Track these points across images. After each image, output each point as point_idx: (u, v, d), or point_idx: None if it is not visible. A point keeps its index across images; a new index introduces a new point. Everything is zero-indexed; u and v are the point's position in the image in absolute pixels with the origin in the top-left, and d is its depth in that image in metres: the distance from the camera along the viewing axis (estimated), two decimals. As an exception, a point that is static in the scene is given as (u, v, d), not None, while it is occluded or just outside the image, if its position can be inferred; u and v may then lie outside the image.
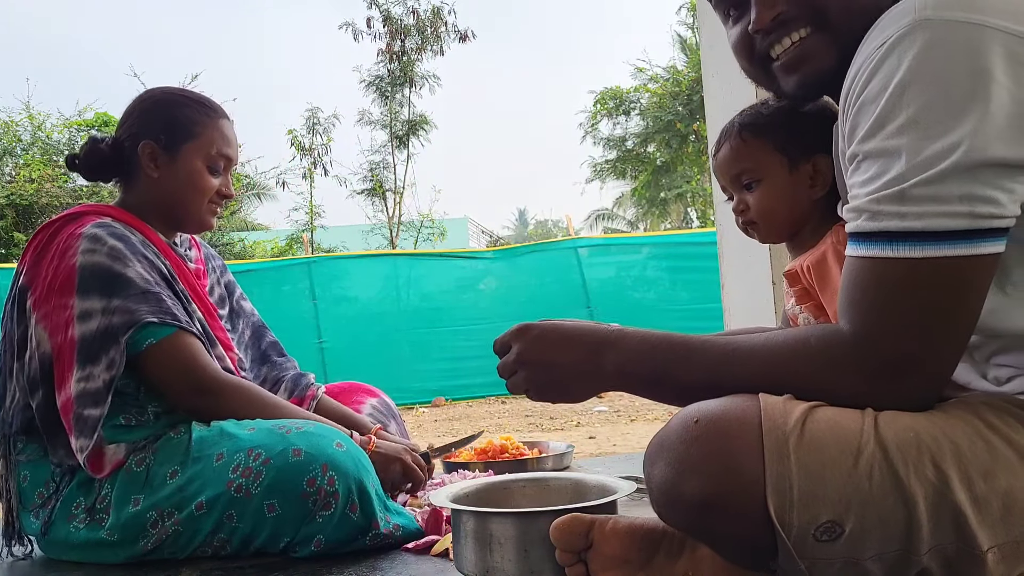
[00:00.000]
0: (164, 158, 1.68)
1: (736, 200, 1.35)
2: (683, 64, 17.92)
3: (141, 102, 1.74)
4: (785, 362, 0.88)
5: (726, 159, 1.34)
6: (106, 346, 1.49)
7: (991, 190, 0.78)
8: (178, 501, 1.45)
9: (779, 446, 0.81)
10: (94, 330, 1.50)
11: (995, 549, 0.79)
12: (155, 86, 1.80)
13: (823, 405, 0.86)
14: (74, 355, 1.49)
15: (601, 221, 26.71)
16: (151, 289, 1.54)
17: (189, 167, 1.68)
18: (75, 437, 1.47)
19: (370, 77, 17.90)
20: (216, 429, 1.52)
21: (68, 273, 1.53)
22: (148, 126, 1.68)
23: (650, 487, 0.90)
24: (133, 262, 1.55)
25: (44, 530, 1.54)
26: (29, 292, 1.58)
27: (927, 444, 0.81)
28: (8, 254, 11.96)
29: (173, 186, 1.68)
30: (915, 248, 0.79)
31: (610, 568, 1.02)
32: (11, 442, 1.58)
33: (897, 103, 0.80)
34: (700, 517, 0.85)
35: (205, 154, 1.69)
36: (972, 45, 0.78)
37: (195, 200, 1.70)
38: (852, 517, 0.80)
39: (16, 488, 1.57)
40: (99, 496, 1.50)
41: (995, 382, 0.90)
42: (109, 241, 1.55)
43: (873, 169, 0.82)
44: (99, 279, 1.51)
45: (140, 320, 1.50)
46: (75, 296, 1.51)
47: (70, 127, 13.60)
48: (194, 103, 1.72)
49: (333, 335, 7.84)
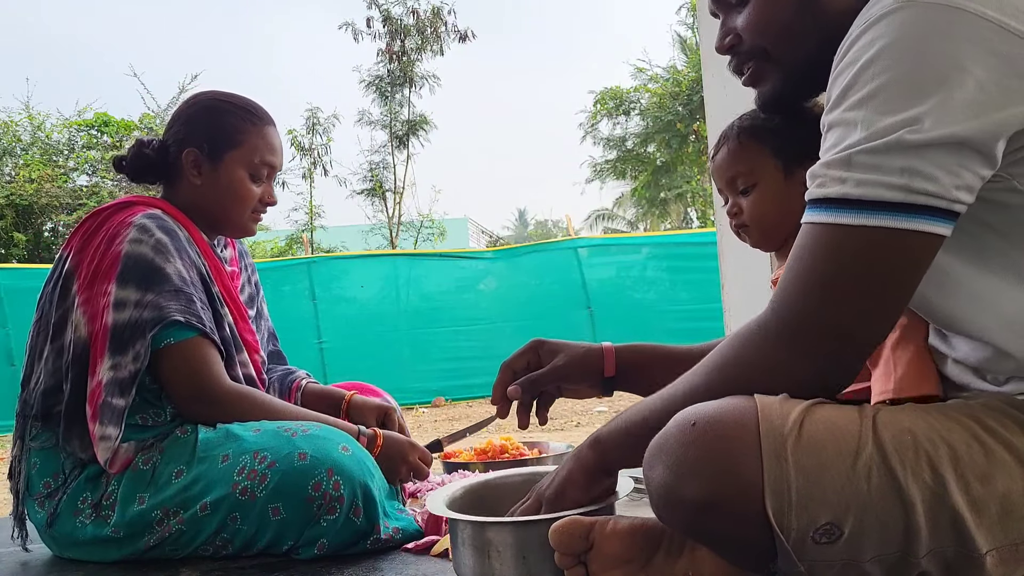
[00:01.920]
0: (207, 166, 1.69)
1: (730, 203, 1.35)
2: (683, 64, 17.92)
3: (187, 107, 1.76)
4: (728, 347, 0.92)
5: (722, 162, 1.34)
6: (134, 338, 1.51)
7: (934, 168, 0.78)
8: (183, 500, 1.46)
9: (776, 448, 0.81)
10: (126, 320, 1.51)
11: (994, 552, 0.79)
12: (203, 91, 1.81)
13: (821, 405, 0.86)
14: (107, 342, 1.51)
15: (601, 221, 26.72)
16: (184, 289, 1.55)
17: (231, 176, 1.69)
18: (99, 424, 1.48)
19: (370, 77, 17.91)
20: (222, 430, 1.52)
21: (113, 259, 1.54)
22: (192, 133, 1.70)
23: (649, 489, 0.90)
24: (175, 258, 1.56)
25: (50, 522, 1.54)
26: (75, 276, 1.60)
27: (924, 447, 0.81)
28: (8, 254, 11.96)
29: (215, 194, 1.70)
30: (848, 214, 0.80)
31: (611, 568, 1.02)
32: (29, 424, 1.59)
33: (862, 75, 0.81)
34: (699, 519, 0.85)
35: (248, 162, 1.70)
36: (947, 29, 0.78)
37: (236, 209, 1.71)
38: (851, 519, 0.80)
39: (26, 473, 1.57)
40: (105, 493, 1.50)
41: (994, 383, 0.90)
42: (156, 234, 1.56)
43: (833, 138, 0.83)
44: (139, 270, 1.53)
45: (168, 317, 1.51)
46: (114, 283, 1.52)
47: (69, 127, 13.61)
48: (239, 109, 1.72)
49: (333, 335, 7.84)
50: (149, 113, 13.86)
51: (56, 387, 1.56)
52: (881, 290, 0.81)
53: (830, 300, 0.82)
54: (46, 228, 12.75)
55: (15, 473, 1.61)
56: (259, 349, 1.78)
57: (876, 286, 0.81)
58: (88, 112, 13.69)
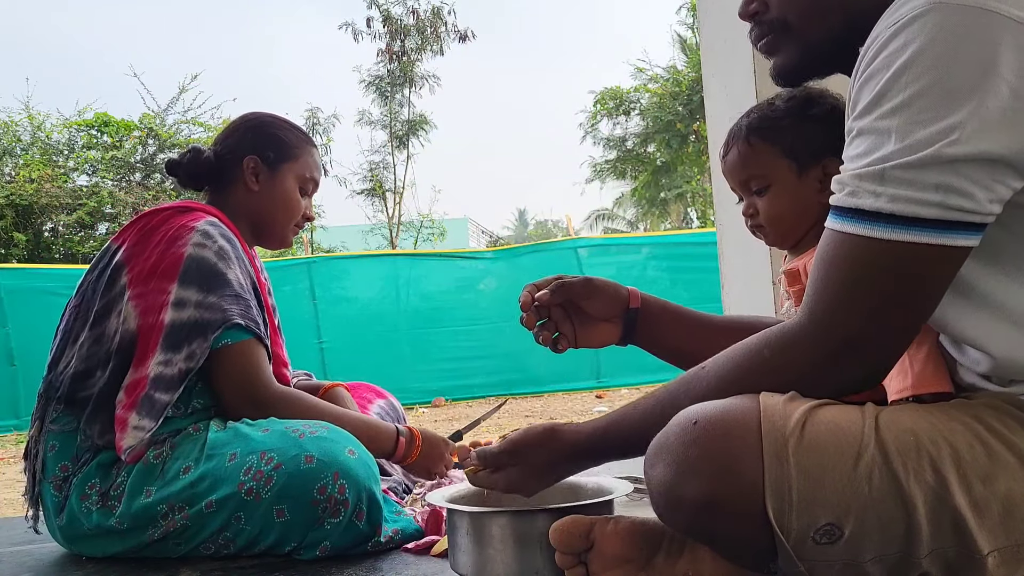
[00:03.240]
0: (265, 174, 1.78)
1: (745, 204, 1.33)
2: (683, 64, 17.93)
3: (246, 121, 1.86)
4: (745, 348, 0.92)
5: (735, 164, 1.32)
6: (192, 338, 1.54)
7: (969, 184, 0.77)
8: (189, 497, 1.47)
9: (778, 449, 0.81)
10: (184, 320, 1.54)
11: (995, 553, 0.79)
12: (256, 110, 1.92)
13: (824, 405, 0.86)
14: (160, 338, 1.54)
15: (601, 221, 26.73)
16: (243, 294, 1.61)
17: (285, 185, 1.80)
18: (136, 415, 1.50)
19: (370, 77, 17.93)
20: (231, 429, 1.53)
21: (174, 260, 1.58)
22: (253, 142, 1.79)
23: (650, 488, 0.90)
24: (234, 265, 1.62)
25: (61, 506, 1.55)
26: (126, 269, 1.62)
27: (926, 447, 0.81)
28: (8, 254, 11.96)
29: (269, 202, 1.79)
30: (883, 229, 0.79)
31: (611, 568, 1.02)
32: (50, 407, 1.61)
33: (896, 83, 0.80)
34: (699, 519, 0.85)
35: (299, 175, 1.81)
36: (980, 33, 0.77)
37: (284, 218, 1.81)
38: (851, 520, 0.80)
39: (43, 455, 1.59)
40: (114, 483, 1.52)
41: (999, 383, 0.89)
42: (219, 241, 1.62)
43: (863, 146, 0.82)
44: (202, 273, 1.57)
45: (230, 320, 1.55)
46: (176, 283, 1.56)
47: (69, 127, 13.60)
48: (294, 128, 1.86)
49: (333, 335, 7.84)
50: (149, 113, 13.85)
51: (87, 372, 1.58)
52: (912, 302, 0.82)
53: (864, 311, 0.82)
54: (46, 228, 12.74)
55: (31, 454, 1.62)
56: (288, 363, 1.83)
57: (908, 298, 0.81)
58: (88, 112, 13.68)
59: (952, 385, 0.95)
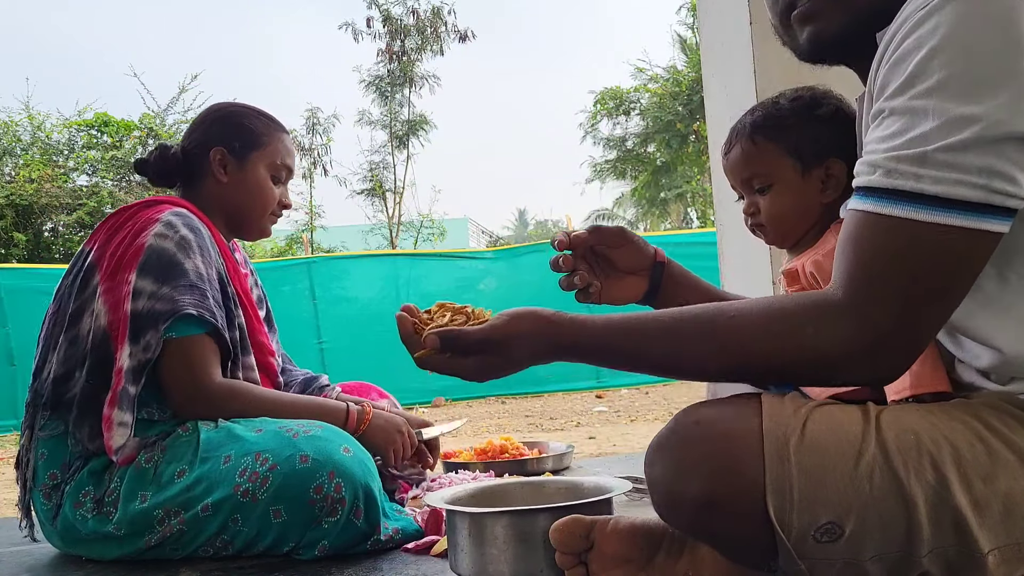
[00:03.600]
0: (233, 165, 1.76)
1: (747, 203, 1.32)
2: (683, 64, 17.93)
3: (210, 112, 1.84)
4: (781, 317, 0.84)
5: (737, 162, 1.30)
6: (146, 328, 1.53)
7: (1012, 167, 0.76)
8: (185, 501, 1.46)
9: (779, 448, 0.81)
10: (140, 310, 1.54)
11: (995, 552, 0.79)
12: (220, 101, 1.90)
13: (824, 405, 0.86)
14: (127, 330, 1.53)
15: (601, 221, 26.71)
16: (199, 284, 1.58)
17: (255, 175, 1.77)
18: (118, 410, 1.50)
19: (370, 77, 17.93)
20: (224, 430, 1.52)
21: (136, 251, 1.58)
22: (219, 134, 1.77)
23: (651, 487, 0.90)
24: (195, 255, 1.59)
25: (54, 514, 1.55)
26: (97, 268, 1.62)
27: (927, 447, 0.81)
28: (8, 254, 11.95)
29: (240, 193, 1.77)
30: (925, 211, 0.77)
31: (611, 568, 1.02)
32: (38, 414, 1.60)
33: (928, 65, 0.78)
34: (700, 518, 0.85)
35: (270, 163, 1.78)
36: (1011, 15, 0.76)
37: (258, 208, 1.79)
38: (852, 519, 0.80)
39: (34, 463, 1.58)
40: (108, 489, 1.51)
41: (998, 382, 0.89)
42: (182, 230, 1.60)
43: (896, 126, 0.80)
44: (160, 263, 1.56)
45: (180, 310, 1.53)
46: (135, 273, 1.56)
47: (69, 127, 13.59)
48: (260, 115, 1.83)
49: (333, 335, 7.84)
50: (149, 113, 13.85)
51: (67, 375, 1.58)
52: (949, 287, 0.80)
53: (904, 296, 0.79)
54: (46, 228, 12.74)
55: (23, 462, 1.62)
56: (274, 352, 1.81)
57: (946, 283, 0.79)
58: (88, 112, 13.68)
59: (950, 384, 0.95)
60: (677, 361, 0.90)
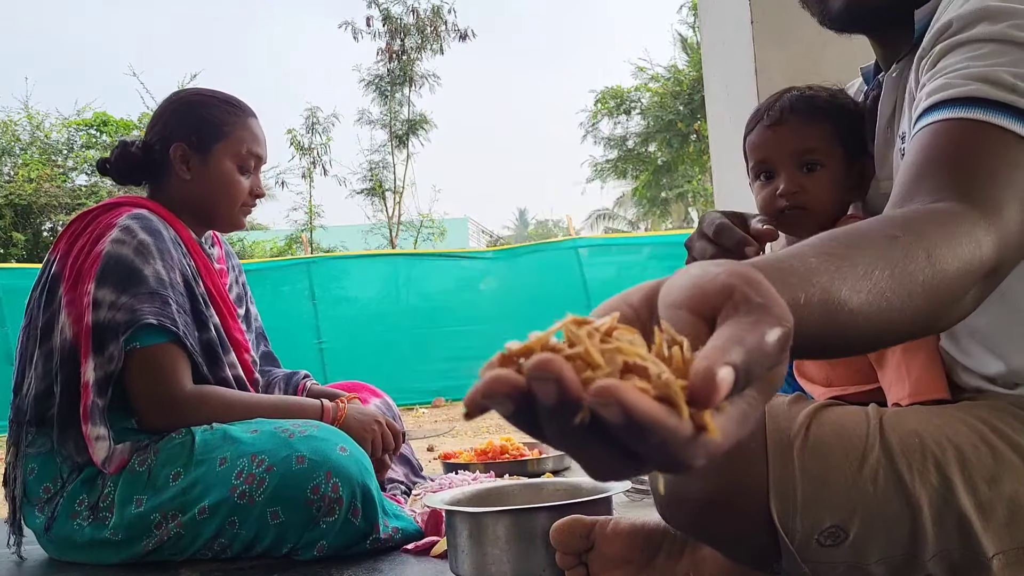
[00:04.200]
0: (196, 160, 1.68)
1: (789, 180, 1.16)
2: (684, 63, 17.92)
3: (169, 104, 1.75)
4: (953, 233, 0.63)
5: (792, 132, 1.17)
6: (107, 341, 1.50)
7: None
8: (181, 504, 1.45)
9: (783, 451, 0.81)
10: (101, 321, 1.51)
11: (1000, 555, 0.79)
12: (179, 89, 1.80)
13: (829, 407, 0.85)
14: (90, 342, 1.50)
15: (602, 221, 26.72)
16: (160, 291, 1.53)
17: (220, 168, 1.68)
18: (92, 425, 1.48)
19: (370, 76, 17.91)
20: (219, 431, 1.51)
21: (94, 259, 1.54)
22: (178, 128, 1.69)
23: (653, 487, 0.89)
24: (155, 260, 1.55)
25: (47, 526, 1.53)
26: (61, 279, 1.59)
27: (932, 450, 0.80)
28: (7, 254, 11.95)
29: (205, 188, 1.69)
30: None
31: (612, 568, 1.02)
32: (24, 430, 1.58)
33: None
34: (702, 519, 0.85)
35: (235, 153, 1.69)
36: None
37: (227, 201, 1.71)
38: (856, 522, 0.80)
39: (23, 479, 1.57)
40: (102, 494, 1.50)
41: (1004, 387, 0.89)
42: (140, 235, 1.55)
43: (990, 48, 0.73)
44: (118, 271, 1.52)
45: (140, 320, 1.49)
46: (93, 283, 1.52)
47: (69, 127, 13.59)
48: (222, 103, 1.72)
49: (333, 335, 7.83)
50: (148, 113, 13.83)
51: (47, 391, 1.56)
52: None
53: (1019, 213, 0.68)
54: (45, 228, 12.74)
55: (10, 480, 1.60)
56: (249, 348, 1.77)
57: None
58: (87, 112, 13.68)
59: (949, 392, 0.95)
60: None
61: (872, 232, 0.58)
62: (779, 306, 0.41)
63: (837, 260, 0.53)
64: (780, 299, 0.42)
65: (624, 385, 0.35)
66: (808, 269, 0.51)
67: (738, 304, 0.41)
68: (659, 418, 0.35)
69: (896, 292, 0.54)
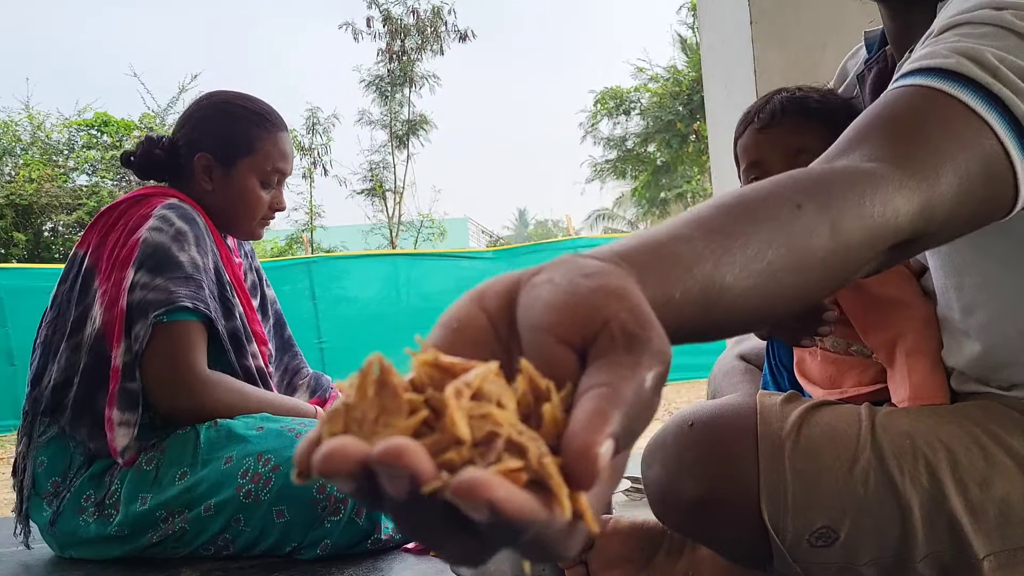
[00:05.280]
0: (219, 172, 1.68)
1: None
2: (683, 64, 17.92)
3: (199, 108, 1.72)
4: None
5: (786, 133, 1.16)
6: (137, 320, 1.50)
7: None
8: (187, 501, 1.46)
9: (774, 451, 0.81)
10: (134, 302, 1.51)
11: (991, 557, 0.79)
12: (216, 91, 1.76)
13: (821, 408, 0.85)
14: (123, 326, 1.50)
15: (601, 221, 26.71)
16: (195, 276, 1.54)
17: (243, 184, 1.68)
18: (118, 410, 1.48)
19: (370, 77, 17.92)
20: (224, 429, 1.51)
21: (131, 248, 1.54)
22: (205, 137, 1.67)
23: (647, 488, 0.90)
24: (191, 246, 1.55)
25: (53, 520, 1.54)
26: (95, 272, 1.59)
27: (923, 451, 0.81)
28: (8, 254, 11.95)
29: (226, 201, 1.69)
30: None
31: (611, 567, 1.03)
32: (36, 422, 1.58)
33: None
34: (695, 520, 0.85)
35: (260, 169, 1.68)
36: None
37: (246, 216, 1.70)
38: (847, 523, 0.80)
39: (32, 470, 1.57)
40: (108, 491, 1.50)
41: (998, 388, 0.89)
42: (177, 223, 1.56)
43: (986, 30, 0.70)
44: (156, 258, 1.52)
45: (176, 301, 1.49)
46: (131, 268, 1.52)
47: (69, 127, 13.59)
48: (253, 115, 1.70)
49: (333, 335, 7.83)
50: (149, 113, 13.85)
51: (67, 382, 1.56)
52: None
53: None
54: (46, 228, 12.75)
55: (19, 470, 1.61)
56: (266, 341, 1.77)
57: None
58: (88, 112, 13.68)
59: (949, 398, 0.95)
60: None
61: (774, 199, 0.52)
62: (659, 337, 0.36)
63: (727, 240, 0.47)
64: (658, 325, 0.36)
65: (493, 481, 0.29)
66: (693, 256, 0.45)
67: (615, 336, 0.35)
68: (533, 515, 0.30)
69: (790, 270, 0.50)
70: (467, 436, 0.31)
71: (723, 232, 0.48)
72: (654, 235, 0.46)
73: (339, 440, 0.31)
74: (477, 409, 0.32)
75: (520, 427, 0.32)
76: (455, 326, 0.39)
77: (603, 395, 0.33)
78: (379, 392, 0.33)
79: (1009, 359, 0.86)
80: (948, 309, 0.91)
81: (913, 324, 0.97)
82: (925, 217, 0.59)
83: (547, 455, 0.31)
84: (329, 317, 7.97)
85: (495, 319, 0.39)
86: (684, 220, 0.49)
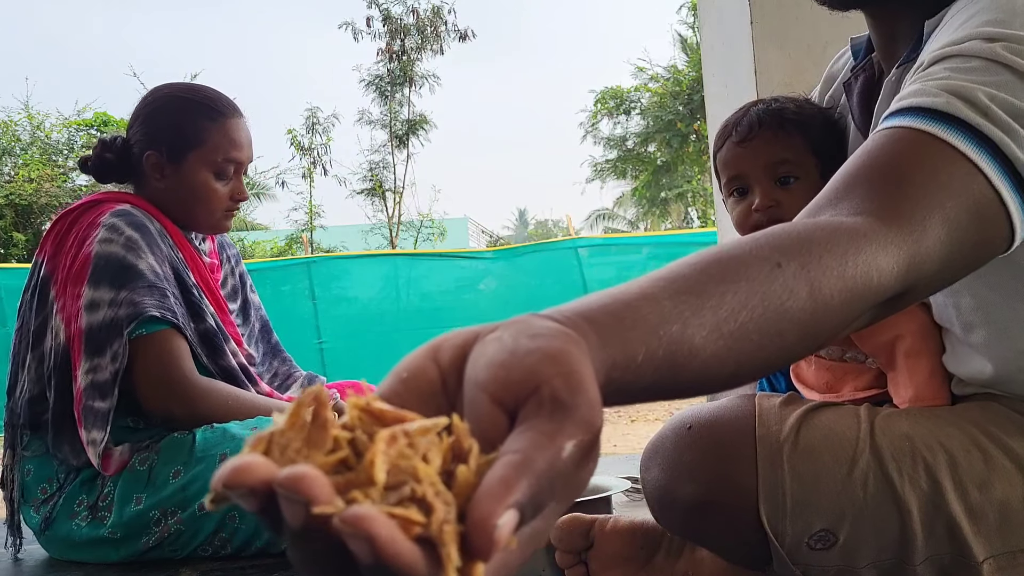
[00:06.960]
0: (169, 168, 1.63)
1: (764, 194, 1.14)
2: (683, 64, 17.92)
3: (146, 105, 1.68)
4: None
5: (764, 145, 1.15)
6: (111, 338, 1.48)
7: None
8: (181, 500, 1.45)
9: (772, 454, 0.81)
10: (100, 321, 1.48)
11: (991, 560, 0.79)
12: (161, 84, 1.72)
13: (820, 410, 0.85)
14: (82, 346, 1.48)
15: (601, 221, 26.72)
16: (158, 284, 1.52)
17: (195, 178, 1.62)
18: (85, 430, 1.46)
19: (370, 76, 17.92)
20: (220, 430, 1.51)
21: (84, 261, 1.51)
22: (152, 134, 1.63)
23: (645, 489, 0.90)
24: (147, 253, 1.53)
25: (44, 526, 1.53)
26: (52, 282, 1.57)
27: (922, 453, 0.81)
28: (7, 254, 11.96)
29: (180, 196, 1.64)
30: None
31: (611, 567, 1.03)
32: (19, 433, 1.58)
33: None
34: (694, 522, 0.85)
35: (211, 161, 1.62)
36: None
37: (203, 210, 1.65)
38: (846, 526, 0.80)
39: (20, 481, 1.56)
40: (101, 494, 1.50)
41: (999, 391, 0.89)
42: (126, 231, 1.53)
43: (977, 64, 0.68)
44: (111, 269, 1.49)
45: (144, 312, 1.48)
46: (86, 285, 1.49)
47: (69, 127, 13.61)
48: (199, 105, 1.63)
49: (333, 335, 7.83)
50: (149, 113, 13.85)
51: (41, 395, 1.55)
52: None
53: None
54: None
55: (7, 482, 1.59)
56: (243, 343, 1.74)
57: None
58: (87, 112, 13.70)
59: (950, 399, 0.94)
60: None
61: (752, 258, 0.51)
62: (587, 405, 0.35)
63: (699, 300, 0.46)
64: (593, 393, 0.36)
65: (380, 519, 0.29)
66: (659, 316, 0.44)
67: (543, 401, 0.35)
68: (413, 568, 0.29)
69: (764, 332, 0.48)
70: (380, 479, 0.31)
71: (694, 292, 0.46)
72: (623, 293, 0.45)
73: (250, 457, 0.31)
74: (402, 459, 0.32)
75: (439, 487, 0.32)
76: (404, 376, 0.39)
77: (512, 463, 0.32)
78: (309, 425, 0.33)
79: (1016, 376, 0.86)
80: (949, 324, 0.91)
81: (911, 327, 0.97)
82: (913, 272, 0.58)
83: (451, 522, 0.31)
84: (329, 317, 7.97)
85: (446, 372, 0.39)
86: (656, 277, 0.48)
